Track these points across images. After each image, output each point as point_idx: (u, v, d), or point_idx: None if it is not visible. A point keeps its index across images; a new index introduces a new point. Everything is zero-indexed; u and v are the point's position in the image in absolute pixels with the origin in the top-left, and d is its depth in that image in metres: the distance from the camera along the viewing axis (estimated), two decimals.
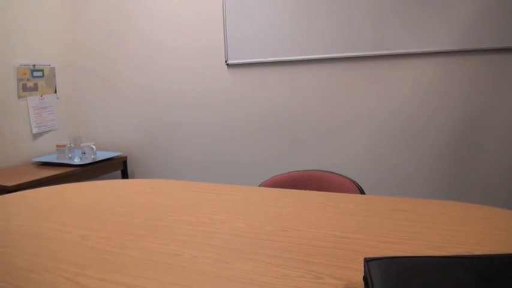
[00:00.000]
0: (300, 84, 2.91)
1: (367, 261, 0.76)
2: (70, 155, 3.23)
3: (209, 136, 3.27)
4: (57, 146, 3.19)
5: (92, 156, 3.22)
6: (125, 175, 3.53)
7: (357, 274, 0.87)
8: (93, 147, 3.22)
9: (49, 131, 3.47)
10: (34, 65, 3.29)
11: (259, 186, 1.69)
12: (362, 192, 1.57)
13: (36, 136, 3.36)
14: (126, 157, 3.52)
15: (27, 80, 3.25)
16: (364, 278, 0.76)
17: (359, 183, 2.70)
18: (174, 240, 1.10)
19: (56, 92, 3.50)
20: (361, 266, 0.91)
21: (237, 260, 0.97)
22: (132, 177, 3.65)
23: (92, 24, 3.57)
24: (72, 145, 3.24)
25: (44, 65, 3.38)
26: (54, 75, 3.47)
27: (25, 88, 3.23)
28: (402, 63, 2.63)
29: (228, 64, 3.08)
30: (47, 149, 3.46)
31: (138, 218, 1.28)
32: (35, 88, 3.32)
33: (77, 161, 3.15)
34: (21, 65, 3.19)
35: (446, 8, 2.44)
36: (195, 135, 3.32)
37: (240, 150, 3.18)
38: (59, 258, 1.02)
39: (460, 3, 2.41)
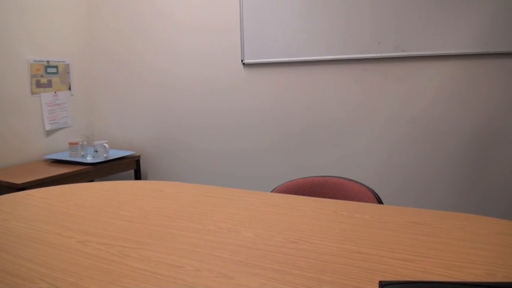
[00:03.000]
0: (317, 85, 2.83)
1: (383, 285, 0.69)
2: (82, 153, 3.20)
3: (223, 136, 3.21)
4: (70, 143, 3.16)
5: (105, 155, 3.18)
6: (137, 174, 3.49)
7: None
8: (106, 145, 3.18)
9: (62, 128, 3.45)
10: (48, 61, 3.27)
11: (271, 191, 1.63)
12: (379, 201, 1.50)
13: (48, 133, 3.34)
14: (139, 156, 3.48)
15: (41, 76, 3.22)
16: None
17: (376, 191, 2.62)
18: (178, 249, 1.04)
19: (70, 88, 3.47)
20: (375, 286, 0.84)
21: (242, 275, 0.90)
22: (145, 177, 3.61)
23: (107, 22, 3.54)
24: (84, 143, 3.21)
25: (58, 62, 3.35)
26: (69, 72, 3.45)
27: (38, 84, 3.21)
28: (424, 65, 2.54)
29: (244, 63, 3.02)
30: (59, 146, 3.44)
31: (142, 224, 1.22)
32: (49, 84, 3.29)
33: (89, 159, 3.11)
34: (34, 61, 3.17)
35: (468, 9, 2.35)
36: (207, 135, 3.27)
37: (254, 152, 3.12)
38: (56, 266, 0.96)
39: (482, 5, 2.32)
